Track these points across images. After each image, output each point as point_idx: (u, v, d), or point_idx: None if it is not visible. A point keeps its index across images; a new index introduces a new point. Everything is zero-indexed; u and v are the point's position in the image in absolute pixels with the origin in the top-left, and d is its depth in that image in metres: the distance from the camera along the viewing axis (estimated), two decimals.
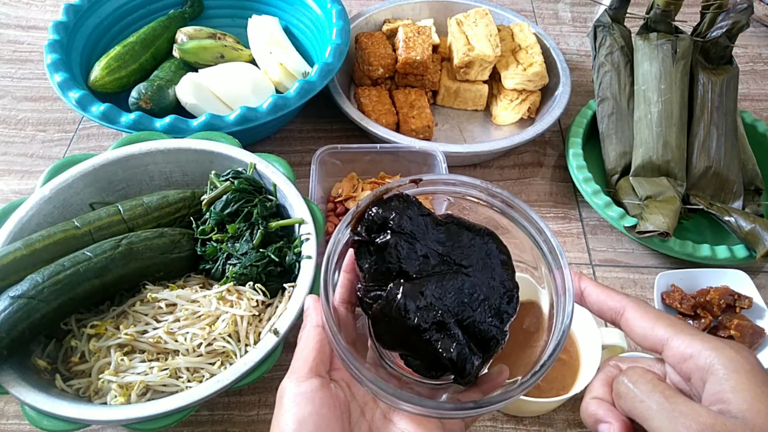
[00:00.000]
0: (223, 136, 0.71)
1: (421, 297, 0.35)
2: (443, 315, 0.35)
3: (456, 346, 0.34)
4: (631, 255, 0.78)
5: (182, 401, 0.50)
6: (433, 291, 0.35)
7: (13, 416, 0.63)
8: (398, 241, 0.36)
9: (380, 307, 0.35)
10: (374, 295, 0.36)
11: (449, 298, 0.36)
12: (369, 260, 0.37)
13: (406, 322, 0.34)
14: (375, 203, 0.38)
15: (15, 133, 0.91)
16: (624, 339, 0.61)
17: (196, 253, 0.64)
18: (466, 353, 0.34)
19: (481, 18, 0.92)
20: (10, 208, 0.63)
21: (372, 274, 0.36)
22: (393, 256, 0.36)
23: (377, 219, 0.37)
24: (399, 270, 0.36)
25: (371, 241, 0.37)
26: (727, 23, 0.78)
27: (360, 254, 0.37)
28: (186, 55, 0.89)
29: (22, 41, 1.06)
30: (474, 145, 0.82)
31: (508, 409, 0.63)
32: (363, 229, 0.37)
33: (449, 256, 0.37)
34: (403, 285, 0.35)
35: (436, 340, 0.34)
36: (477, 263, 0.38)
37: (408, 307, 0.34)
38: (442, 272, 0.37)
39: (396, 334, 0.35)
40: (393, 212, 0.37)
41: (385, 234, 0.36)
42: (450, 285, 0.36)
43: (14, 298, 0.52)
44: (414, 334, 0.34)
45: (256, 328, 0.58)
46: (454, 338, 0.34)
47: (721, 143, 0.77)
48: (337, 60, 0.83)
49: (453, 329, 0.35)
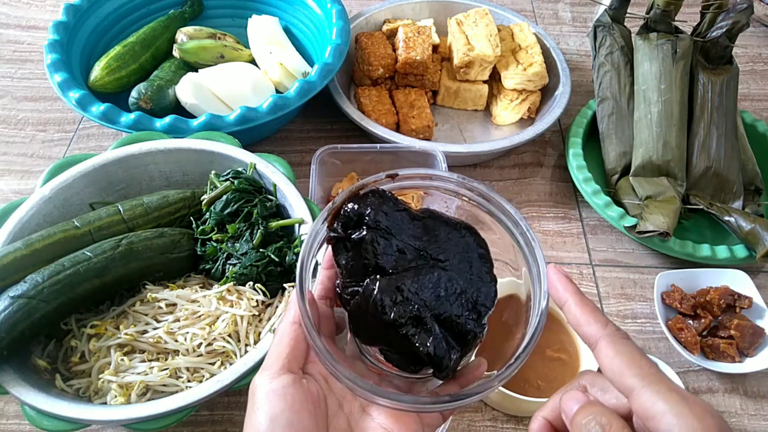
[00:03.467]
0: (223, 136, 0.71)
1: (398, 292, 0.35)
2: (420, 309, 0.35)
3: (433, 341, 0.34)
4: (631, 255, 0.78)
5: (182, 401, 0.50)
6: (410, 286, 0.35)
7: (13, 416, 0.63)
8: (374, 237, 0.36)
9: (357, 303, 0.35)
10: (351, 290, 0.36)
11: (426, 293, 0.36)
12: (346, 256, 0.36)
13: (383, 318, 0.34)
14: (351, 199, 0.37)
15: (15, 133, 0.91)
16: None
17: (196, 253, 0.64)
18: (443, 347, 0.35)
19: (481, 18, 0.92)
20: (10, 208, 0.63)
21: (349, 270, 0.36)
22: (369, 251, 0.36)
23: (353, 215, 0.37)
24: (375, 265, 0.36)
25: (347, 237, 0.36)
26: (727, 23, 0.78)
27: (337, 250, 0.37)
28: (186, 55, 0.89)
29: (22, 41, 1.06)
30: (474, 145, 0.82)
31: (508, 408, 0.63)
32: (339, 225, 0.37)
33: (426, 251, 0.37)
34: (379, 280, 0.35)
35: (412, 335, 0.34)
36: (454, 257, 0.38)
37: (384, 302, 0.34)
38: (418, 267, 0.37)
39: (373, 330, 0.35)
40: (369, 208, 0.37)
41: (361, 230, 0.36)
42: (426, 279, 0.36)
43: (14, 298, 0.52)
44: (391, 329, 0.34)
45: (256, 328, 0.58)
46: (431, 333, 0.35)
47: (721, 143, 0.77)
48: (337, 60, 0.83)
49: (430, 324, 0.35)
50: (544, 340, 0.65)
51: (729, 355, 0.65)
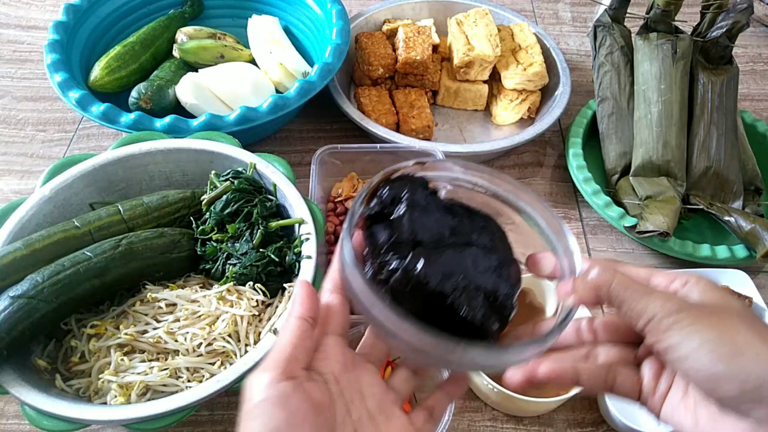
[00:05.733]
0: (223, 136, 0.71)
1: (441, 265, 0.36)
2: (464, 281, 0.36)
3: (480, 309, 0.36)
4: (631, 255, 0.78)
5: (182, 401, 0.50)
6: (450, 260, 0.37)
7: (13, 416, 0.63)
8: (413, 214, 0.38)
9: (399, 278, 0.36)
10: (390, 268, 0.36)
11: (466, 268, 0.37)
12: (383, 233, 0.38)
13: (429, 289, 0.35)
14: (386, 181, 0.39)
15: (15, 133, 0.91)
16: None
17: (196, 253, 0.64)
18: (489, 315, 0.36)
19: (481, 18, 0.92)
20: (10, 208, 0.63)
21: (387, 247, 0.37)
22: (407, 228, 0.37)
23: (388, 196, 0.39)
24: (414, 241, 0.37)
25: (386, 215, 0.38)
26: (727, 23, 0.78)
27: (372, 230, 0.39)
28: (186, 55, 0.89)
29: (22, 41, 1.06)
30: (474, 145, 0.82)
31: (508, 408, 0.63)
32: (376, 205, 0.39)
33: (458, 231, 0.39)
34: (422, 254, 0.36)
35: (459, 305, 0.35)
36: (482, 238, 0.40)
37: (429, 275, 0.35)
38: (454, 244, 0.38)
39: (419, 302, 0.36)
40: (405, 189, 0.39)
41: (400, 208, 0.38)
42: (464, 255, 0.38)
43: (14, 298, 0.52)
44: (438, 299, 0.35)
45: (256, 328, 0.58)
46: (477, 302, 0.36)
47: (721, 143, 0.77)
48: (337, 60, 0.83)
49: (474, 294, 0.36)
50: None
51: None
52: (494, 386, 0.57)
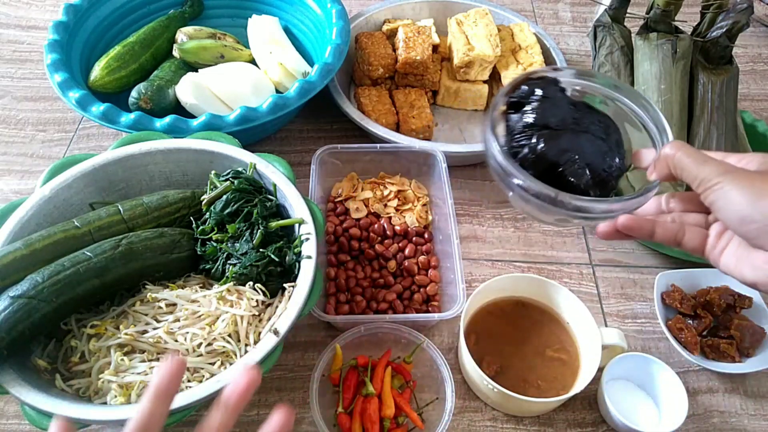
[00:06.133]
0: (223, 136, 0.71)
1: (560, 143, 0.48)
2: (574, 156, 0.48)
3: (583, 178, 0.48)
4: (631, 255, 0.78)
5: (182, 401, 0.50)
6: (568, 140, 0.49)
7: (13, 416, 0.63)
8: (544, 104, 0.50)
9: (528, 150, 0.48)
10: (520, 144, 0.49)
11: (579, 147, 0.49)
12: (519, 115, 0.49)
13: (548, 159, 0.47)
14: (526, 80, 0.51)
15: (15, 133, 0.91)
16: (624, 339, 0.61)
17: (196, 253, 0.64)
18: (591, 185, 0.48)
19: (481, 18, 0.92)
20: (10, 208, 0.63)
21: (521, 127, 0.49)
22: (540, 114, 0.49)
23: (528, 90, 0.50)
24: (543, 123, 0.48)
25: (523, 104, 0.50)
26: (727, 23, 0.78)
27: (511, 115, 0.50)
28: (186, 55, 0.89)
29: (22, 41, 1.06)
30: (474, 145, 0.82)
31: (508, 408, 0.63)
32: (517, 95, 0.50)
33: (580, 121, 0.50)
34: (546, 134, 0.48)
35: (568, 173, 0.48)
36: (600, 131, 0.50)
37: (550, 148, 0.48)
38: (574, 129, 0.50)
39: (541, 169, 0.48)
40: (540, 85, 0.50)
41: (534, 98, 0.50)
42: (580, 138, 0.49)
43: (14, 298, 0.52)
44: (554, 168, 0.48)
45: (256, 328, 0.58)
46: (583, 172, 0.48)
47: (721, 143, 0.77)
48: (337, 60, 0.83)
49: (581, 166, 0.48)
50: (544, 340, 0.66)
51: (729, 355, 0.65)
52: (494, 386, 0.57)
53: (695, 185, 0.42)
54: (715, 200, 0.40)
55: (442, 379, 0.61)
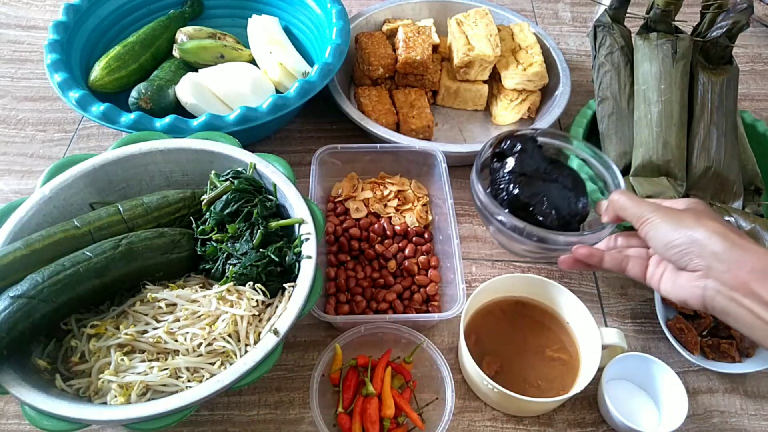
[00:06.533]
0: (223, 136, 0.71)
1: (531, 188, 0.62)
2: (543, 199, 0.62)
3: (549, 217, 0.61)
4: None
5: (182, 401, 0.50)
6: (538, 187, 0.63)
7: (13, 416, 0.63)
8: (522, 156, 0.64)
9: (504, 195, 0.63)
10: (500, 187, 0.63)
11: (548, 193, 0.63)
12: (500, 165, 0.64)
13: (521, 201, 0.62)
14: (508, 136, 0.65)
15: (15, 133, 0.91)
16: (624, 339, 0.61)
17: (196, 253, 0.64)
18: (556, 224, 0.61)
19: (481, 18, 0.92)
20: (10, 208, 0.63)
21: (504, 173, 0.64)
22: (517, 163, 0.64)
23: (510, 144, 0.65)
24: (520, 172, 0.63)
25: (507, 155, 0.65)
26: (727, 23, 0.78)
27: (495, 165, 0.65)
28: (186, 55, 0.89)
29: (22, 41, 1.06)
30: (474, 145, 0.82)
31: (508, 408, 0.63)
32: (501, 147, 0.65)
33: (551, 172, 0.64)
34: (521, 181, 0.63)
35: (536, 213, 0.61)
36: (568, 182, 0.64)
37: (523, 192, 0.62)
38: (545, 179, 0.64)
39: (515, 207, 0.62)
40: (519, 141, 0.65)
41: (515, 151, 0.64)
42: (549, 186, 0.63)
43: (14, 298, 0.52)
44: (525, 207, 0.62)
45: (256, 328, 0.58)
46: (549, 213, 0.62)
47: (721, 143, 0.77)
48: (337, 60, 0.83)
49: (548, 208, 0.62)
50: (544, 340, 0.66)
51: (729, 355, 0.65)
52: (494, 386, 0.57)
53: (634, 222, 0.52)
54: (648, 231, 0.50)
55: (442, 379, 0.61)
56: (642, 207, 0.51)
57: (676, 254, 0.48)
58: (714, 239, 0.46)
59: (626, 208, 0.53)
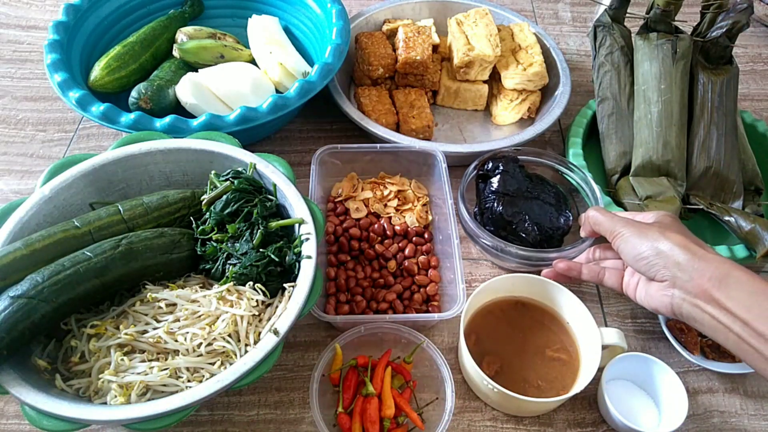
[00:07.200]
0: (223, 136, 0.71)
1: (514, 206, 0.69)
2: (525, 216, 0.68)
3: (531, 233, 0.68)
4: None
5: (182, 401, 0.50)
6: (520, 205, 0.69)
7: (13, 416, 0.63)
8: (505, 177, 0.71)
9: (490, 214, 0.69)
10: (486, 207, 0.70)
11: (530, 210, 0.69)
12: (485, 185, 0.72)
13: (505, 218, 0.68)
14: (492, 157, 0.73)
15: (15, 133, 0.91)
16: (624, 339, 0.61)
17: (196, 253, 0.64)
18: (538, 240, 0.68)
19: (481, 18, 0.92)
20: (10, 208, 0.63)
21: (488, 193, 0.70)
22: (501, 183, 0.70)
23: (493, 165, 0.72)
24: (503, 191, 0.69)
25: (490, 176, 0.72)
26: (727, 23, 0.78)
27: (480, 184, 0.73)
28: (186, 55, 0.89)
29: (22, 41, 1.06)
30: (474, 145, 0.82)
31: (508, 408, 0.63)
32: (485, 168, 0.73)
33: (533, 190, 0.71)
34: (504, 199, 0.69)
35: (519, 230, 0.68)
36: (550, 198, 0.71)
37: (507, 210, 0.68)
38: (527, 196, 0.70)
39: (499, 225, 0.68)
40: (501, 162, 0.72)
41: (498, 172, 0.71)
42: (531, 203, 0.69)
43: (14, 298, 0.52)
44: (509, 225, 0.68)
45: (256, 328, 0.58)
46: (531, 230, 0.68)
47: (721, 143, 0.77)
48: (337, 60, 0.83)
49: (530, 224, 0.68)
50: (544, 340, 0.66)
51: (729, 355, 0.65)
52: (494, 386, 0.57)
53: (608, 236, 0.57)
54: (619, 244, 0.55)
55: (442, 379, 0.61)
56: (614, 222, 0.56)
57: (644, 266, 0.52)
58: (676, 250, 0.50)
59: (600, 223, 0.58)
